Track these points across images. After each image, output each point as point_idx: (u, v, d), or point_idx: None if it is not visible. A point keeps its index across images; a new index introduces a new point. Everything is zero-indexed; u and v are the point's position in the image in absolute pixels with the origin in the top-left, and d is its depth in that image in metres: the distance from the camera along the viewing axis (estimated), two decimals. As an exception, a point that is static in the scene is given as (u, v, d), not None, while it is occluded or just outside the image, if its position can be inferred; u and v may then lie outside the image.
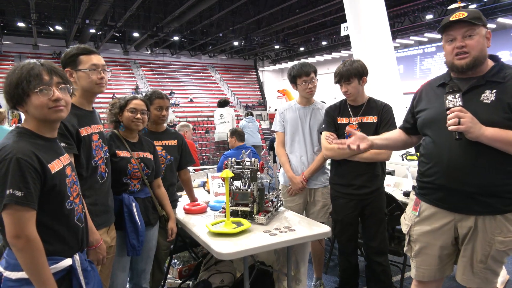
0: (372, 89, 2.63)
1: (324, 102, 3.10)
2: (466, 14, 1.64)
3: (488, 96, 1.64)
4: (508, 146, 1.58)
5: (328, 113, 2.71)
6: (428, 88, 1.92)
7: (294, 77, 2.85)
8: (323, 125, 2.72)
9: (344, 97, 2.69)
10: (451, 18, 1.68)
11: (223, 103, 8.62)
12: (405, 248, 2.01)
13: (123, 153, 2.23)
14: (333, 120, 2.66)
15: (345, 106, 2.67)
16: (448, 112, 1.62)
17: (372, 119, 2.56)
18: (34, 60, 1.45)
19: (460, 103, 1.61)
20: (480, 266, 1.73)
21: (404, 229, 1.99)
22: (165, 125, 2.77)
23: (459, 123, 1.57)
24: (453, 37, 1.69)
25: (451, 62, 1.73)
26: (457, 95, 1.62)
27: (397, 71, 5.45)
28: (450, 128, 1.60)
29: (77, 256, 1.50)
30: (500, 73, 1.68)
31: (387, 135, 2.12)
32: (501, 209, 1.67)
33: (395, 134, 2.10)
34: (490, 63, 1.73)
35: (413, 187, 2.00)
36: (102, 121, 2.11)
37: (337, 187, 2.70)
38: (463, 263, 1.78)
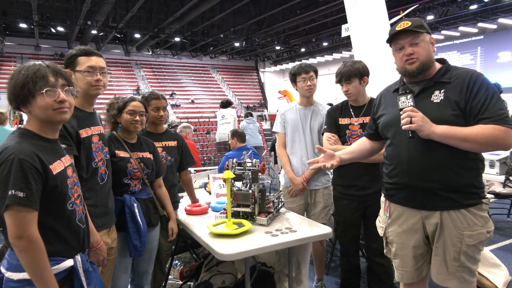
0: (372, 90, 2.64)
1: (332, 104, 3.10)
2: (409, 23, 1.77)
3: (437, 96, 1.75)
4: (458, 142, 1.65)
5: (330, 114, 2.72)
6: (385, 94, 2.04)
7: (294, 75, 2.87)
8: (325, 126, 2.73)
9: (345, 99, 2.70)
10: (397, 28, 1.79)
11: (226, 104, 8.62)
12: (385, 251, 2.06)
13: (122, 153, 2.23)
14: (334, 121, 2.67)
15: (347, 107, 2.67)
16: (401, 112, 1.72)
17: None
18: (40, 62, 1.46)
19: (412, 103, 1.71)
20: (455, 265, 1.76)
21: (380, 231, 2.06)
22: (165, 126, 2.77)
23: (411, 122, 1.66)
24: (401, 45, 1.80)
25: (403, 68, 1.83)
26: (408, 96, 1.73)
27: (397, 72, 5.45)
28: (403, 127, 1.70)
29: (78, 257, 1.50)
30: (446, 74, 1.78)
31: (352, 148, 2.18)
32: (463, 203, 1.73)
33: (360, 144, 2.17)
34: (438, 66, 1.83)
35: (382, 189, 2.05)
36: (102, 122, 2.12)
37: (339, 188, 2.70)
38: (436, 261, 1.82)
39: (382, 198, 2.04)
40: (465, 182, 1.73)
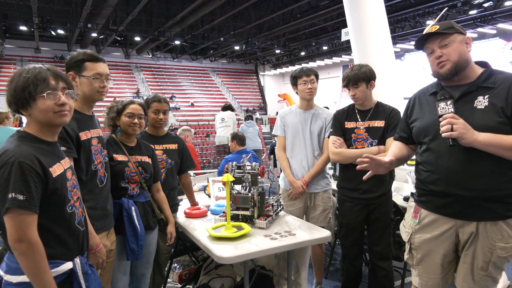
0: (372, 93, 2.64)
1: (327, 108, 3.11)
2: (437, 27, 1.72)
3: (481, 102, 1.67)
4: (501, 150, 1.59)
5: (336, 118, 2.72)
6: (420, 97, 1.94)
7: (295, 78, 2.89)
8: (331, 129, 2.74)
9: (345, 103, 2.71)
10: (423, 33, 1.76)
11: (226, 109, 8.64)
12: (406, 256, 1.98)
13: (120, 157, 2.23)
14: (340, 125, 2.67)
15: (353, 110, 2.68)
16: (440, 119, 1.65)
17: (380, 123, 2.56)
18: (40, 65, 1.47)
19: (452, 109, 1.63)
20: (481, 274, 1.71)
21: (405, 237, 1.97)
22: (165, 129, 2.77)
23: (452, 130, 1.59)
24: (431, 49, 1.76)
25: (436, 72, 1.78)
26: (448, 102, 1.65)
27: (397, 76, 5.46)
28: (443, 135, 1.62)
29: (77, 260, 1.50)
30: (490, 78, 1.70)
31: (395, 154, 2.02)
32: (502, 214, 1.66)
33: (398, 149, 2.05)
34: (479, 70, 1.75)
35: (412, 194, 1.99)
36: (101, 125, 2.13)
37: (343, 190, 2.71)
38: (463, 269, 1.77)
39: (411, 203, 1.97)
40: (505, 193, 1.65)
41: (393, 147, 2.08)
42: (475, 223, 1.70)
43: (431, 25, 1.76)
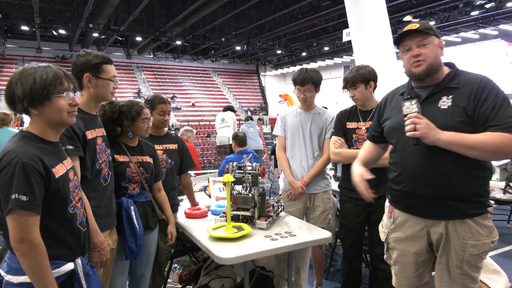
0: (374, 94, 2.65)
1: (326, 108, 3.10)
2: (418, 26, 1.71)
3: (445, 102, 1.70)
4: (464, 149, 1.60)
5: (338, 118, 2.73)
6: (391, 96, 1.97)
7: (293, 81, 2.88)
8: (332, 130, 2.75)
9: (347, 104, 2.71)
10: (404, 30, 1.74)
11: (227, 109, 8.65)
12: (385, 256, 2.03)
13: (121, 158, 2.23)
14: (342, 125, 2.68)
15: (355, 111, 2.69)
16: (405, 118, 1.66)
17: None
18: (50, 65, 1.47)
19: (416, 109, 1.65)
20: (457, 272, 1.73)
21: (382, 236, 2.02)
22: (165, 129, 2.78)
23: (415, 129, 1.61)
24: (409, 47, 1.75)
25: (409, 71, 1.78)
26: (413, 102, 1.67)
27: (399, 76, 5.46)
28: (407, 134, 1.64)
29: (79, 260, 1.50)
30: (455, 79, 1.73)
31: (364, 157, 2.09)
32: (469, 213, 1.69)
33: (368, 150, 2.10)
34: (446, 70, 1.77)
35: (386, 194, 2.02)
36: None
37: (344, 191, 2.70)
38: (439, 270, 1.79)
39: (387, 203, 2.01)
40: (471, 191, 1.68)
41: (362, 151, 2.14)
42: (444, 222, 1.73)
43: (411, 23, 1.76)
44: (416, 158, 1.73)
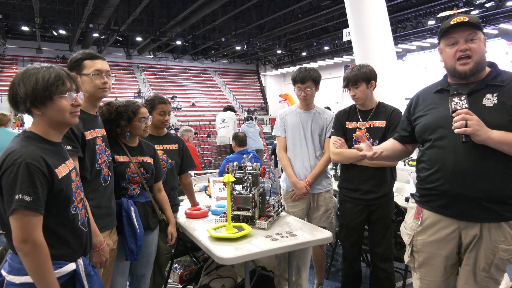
0: (374, 94, 2.64)
1: (329, 108, 3.09)
2: (467, 19, 1.63)
3: (490, 100, 1.63)
4: None
5: (337, 118, 2.72)
6: (424, 94, 1.90)
7: (293, 80, 2.88)
8: (332, 130, 2.74)
9: (347, 103, 2.70)
10: (452, 22, 1.65)
11: (227, 109, 8.65)
12: (406, 259, 1.94)
13: (121, 158, 2.23)
14: (341, 125, 2.67)
15: (354, 110, 2.68)
16: (454, 114, 1.59)
17: (381, 123, 2.56)
18: (53, 65, 1.47)
19: (466, 105, 1.58)
20: (483, 275, 1.69)
21: (406, 239, 1.92)
22: (165, 129, 2.78)
23: (466, 126, 1.54)
24: (456, 40, 1.66)
25: (453, 67, 1.70)
26: (462, 97, 1.59)
27: (399, 76, 5.46)
28: (456, 130, 1.57)
29: (80, 261, 1.50)
30: (498, 77, 1.67)
31: (386, 146, 2.03)
32: (506, 216, 1.64)
33: (392, 145, 2.03)
34: (487, 69, 1.72)
35: (412, 195, 1.95)
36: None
37: (344, 191, 2.70)
38: (465, 271, 1.74)
39: (411, 204, 1.92)
40: (510, 194, 1.62)
41: (387, 142, 2.07)
42: (479, 225, 1.66)
43: (458, 15, 1.67)
44: (458, 156, 1.65)
